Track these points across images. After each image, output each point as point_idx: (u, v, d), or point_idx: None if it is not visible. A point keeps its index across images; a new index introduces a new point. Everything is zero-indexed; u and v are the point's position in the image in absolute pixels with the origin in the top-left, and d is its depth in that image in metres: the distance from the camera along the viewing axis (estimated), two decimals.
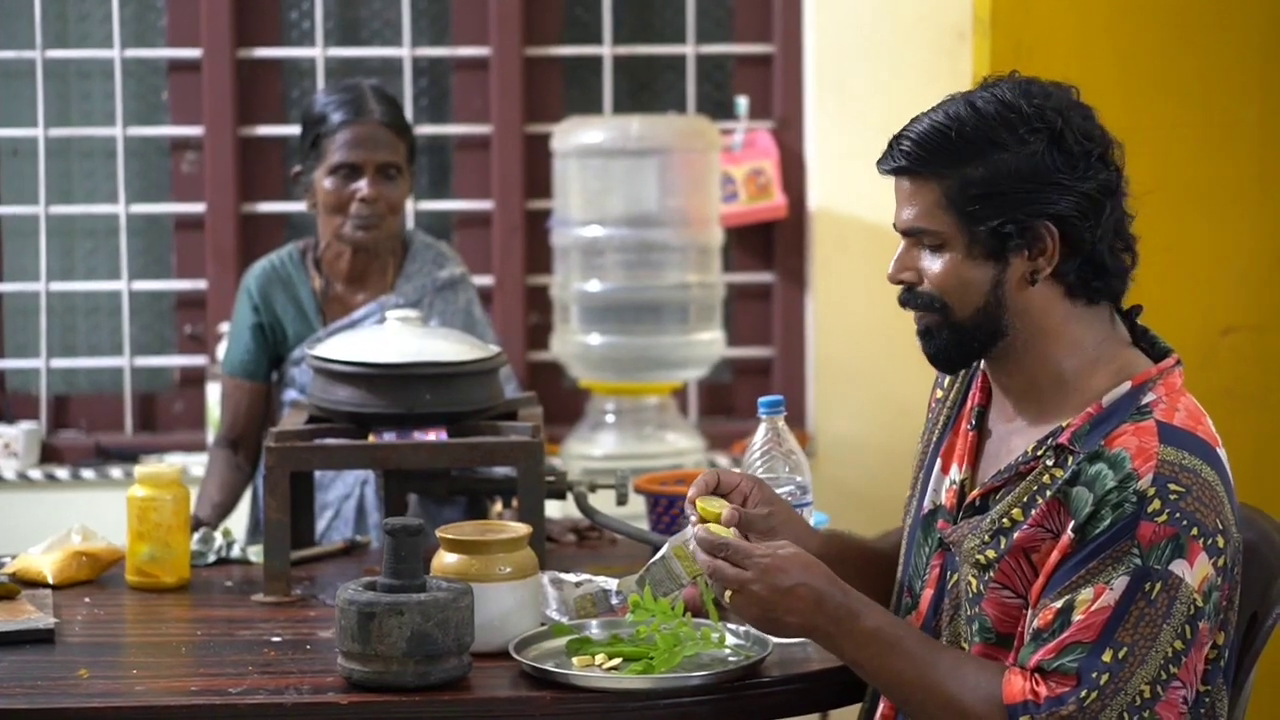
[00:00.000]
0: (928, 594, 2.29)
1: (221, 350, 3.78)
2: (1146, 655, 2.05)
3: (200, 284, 4.77)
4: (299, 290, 3.52)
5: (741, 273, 4.81)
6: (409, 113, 4.59)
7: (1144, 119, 4.04)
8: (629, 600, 2.44)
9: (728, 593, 2.21)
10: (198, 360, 4.76)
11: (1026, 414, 2.24)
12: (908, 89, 4.45)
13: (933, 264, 2.20)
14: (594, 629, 2.48)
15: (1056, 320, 2.20)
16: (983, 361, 2.30)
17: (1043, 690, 2.07)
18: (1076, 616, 2.07)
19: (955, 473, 2.30)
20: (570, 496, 3.01)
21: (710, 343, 4.51)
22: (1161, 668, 2.05)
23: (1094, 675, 2.05)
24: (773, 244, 4.77)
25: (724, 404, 4.87)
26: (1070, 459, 2.12)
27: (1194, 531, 2.06)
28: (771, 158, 4.65)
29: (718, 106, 4.77)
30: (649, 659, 2.34)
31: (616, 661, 2.35)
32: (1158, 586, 2.05)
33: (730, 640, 2.43)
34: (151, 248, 4.83)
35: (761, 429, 2.62)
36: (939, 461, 2.34)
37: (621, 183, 4.41)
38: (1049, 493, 2.13)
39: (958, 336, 2.20)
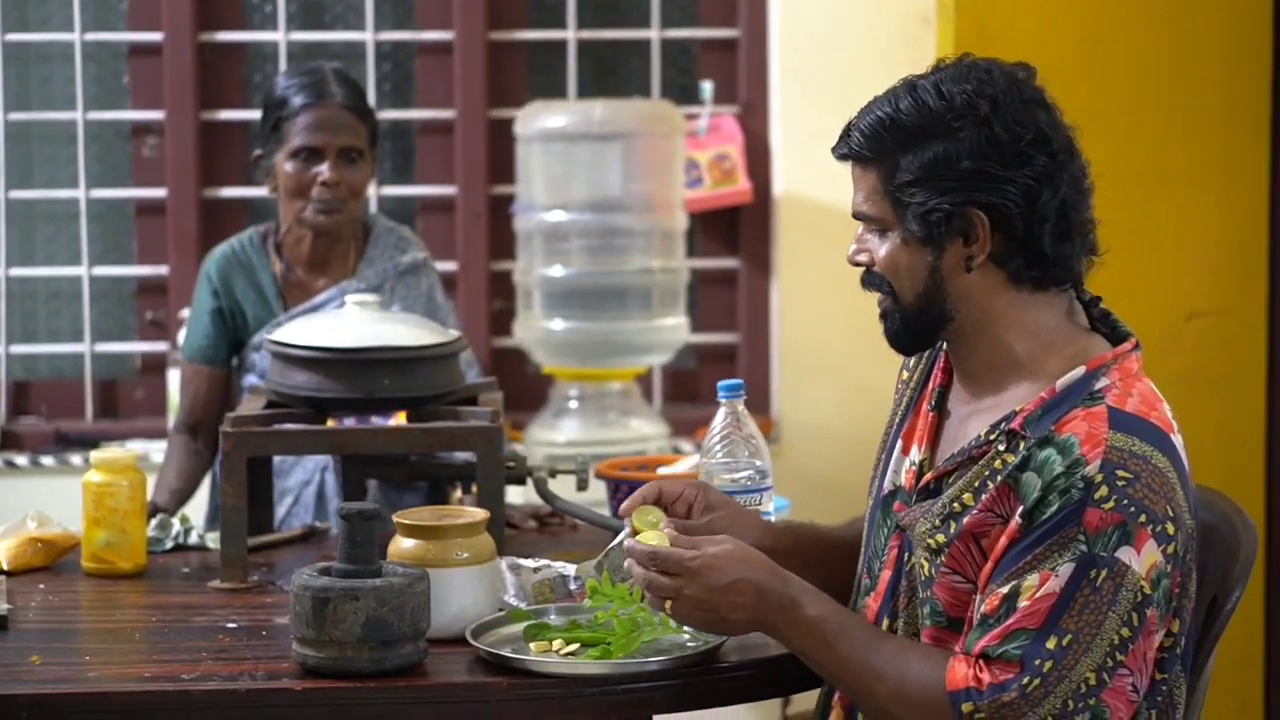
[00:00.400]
0: (885, 575, 2.28)
1: (183, 336, 3.75)
2: (1091, 642, 2.04)
3: (162, 269, 4.74)
4: (259, 275, 3.50)
5: (707, 258, 4.81)
6: (372, 98, 4.57)
7: (1107, 103, 4.04)
8: (586, 585, 2.43)
9: (667, 603, 2.21)
10: (159, 346, 4.74)
11: (984, 397, 2.23)
12: (872, 74, 4.25)
13: (880, 248, 2.21)
14: (552, 614, 2.46)
15: (1002, 306, 2.19)
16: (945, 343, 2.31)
17: (986, 677, 2.07)
18: (1022, 603, 2.06)
19: (915, 454, 2.30)
20: (530, 482, 3.00)
21: (674, 328, 4.50)
22: (1107, 655, 2.05)
23: (1037, 663, 2.04)
24: (738, 229, 4.77)
25: (689, 390, 4.87)
26: (1021, 444, 2.12)
27: (1142, 519, 2.05)
28: (736, 143, 4.65)
29: (683, 91, 4.77)
30: (606, 644, 2.33)
31: (574, 647, 2.34)
32: (1103, 574, 2.04)
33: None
34: (112, 233, 4.81)
35: (721, 413, 2.60)
36: (900, 442, 2.34)
37: (585, 167, 4.40)
38: (999, 478, 2.12)
39: (906, 320, 2.22)
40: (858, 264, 2.25)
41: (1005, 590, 2.07)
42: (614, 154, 4.39)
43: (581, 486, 3.07)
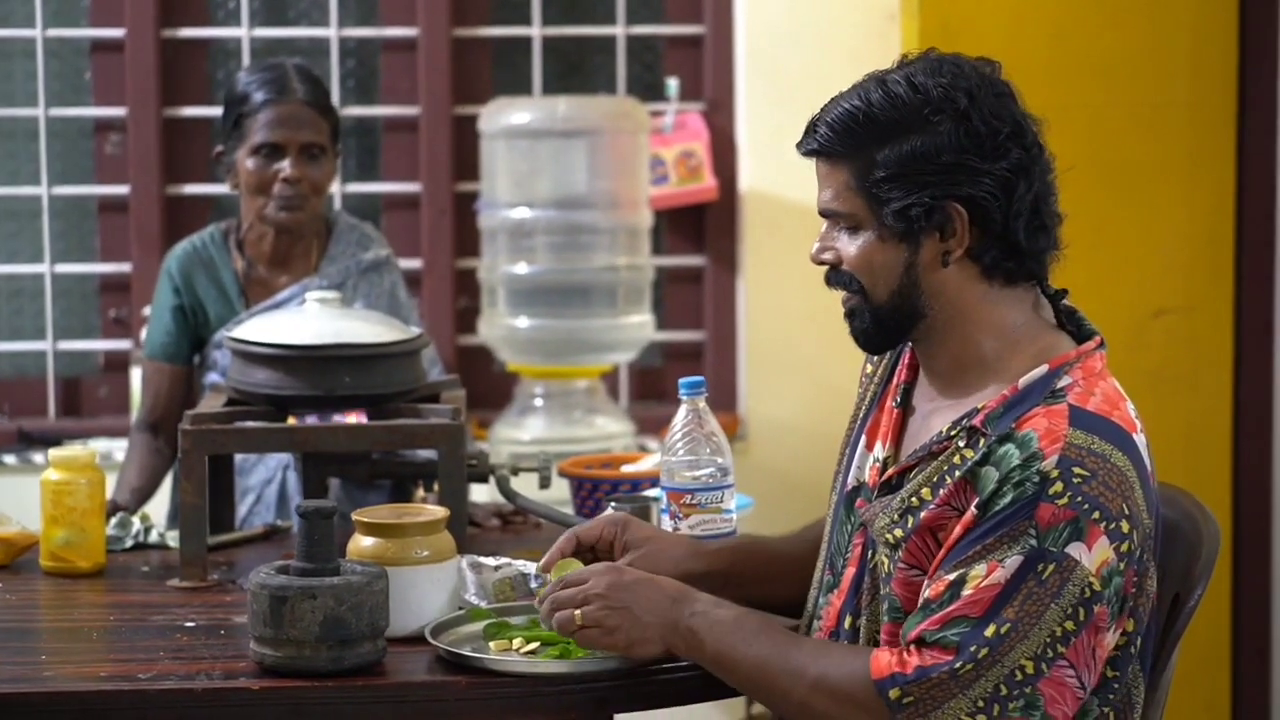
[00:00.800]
0: (849, 572, 2.27)
1: (145, 333, 3.72)
2: (1030, 631, 2.03)
3: (124, 267, 4.71)
4: (221, 272, 3.48)
5: (672, 256, 4.80)
6: (336, 94, 4.56)
7: (1072, 98, 4.04)
8: (545, 585, 2.41)
9: (582, 632, 2.23)
10: (122, 344, 4.71)
11: (949, 394, 2.22)
12: (838, 70, 4.22)
13: (849, 246, 2.19)
14: (514, 613, 2.45)
15: (973, 301, 2.18)
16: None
17: (914, 660, 2.06)
18: (966, 591, 2.05)
19: (879, 450, 2.29)
20: (493, 480, 2.99)
21: (639, 325, 4.48)
22: (1047, 645, 2.04)
23: (973, 649, 2.04)
24: (704, 227, 4.75)
25: (655, 388, 4.86)
26: (981, 440, 2.11)
27: (1095, 515, 2.04)
28: (702, 140, 4.63)
29: (648, 88, 4.75)
30: (566, 644, 2.32)
31: (534, 646, 2.33)
32: (1050, 568, 2.03)
33: None
34: (74, 230, 4.78)
35: (682, 410, 2.60)
36: (864, 439, 2.33)
37: (549, 164, 4.39)
38: (958, 473, 2.11)
39: (877, 318, 2.20)
40: (823, 263, 2.23)
41: (952, 577, 2.07)
42: (579, 151, 4.38)
43: (544, 484, 3.06)
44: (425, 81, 4.68)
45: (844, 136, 2.15)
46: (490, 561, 2.56)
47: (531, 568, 2.53)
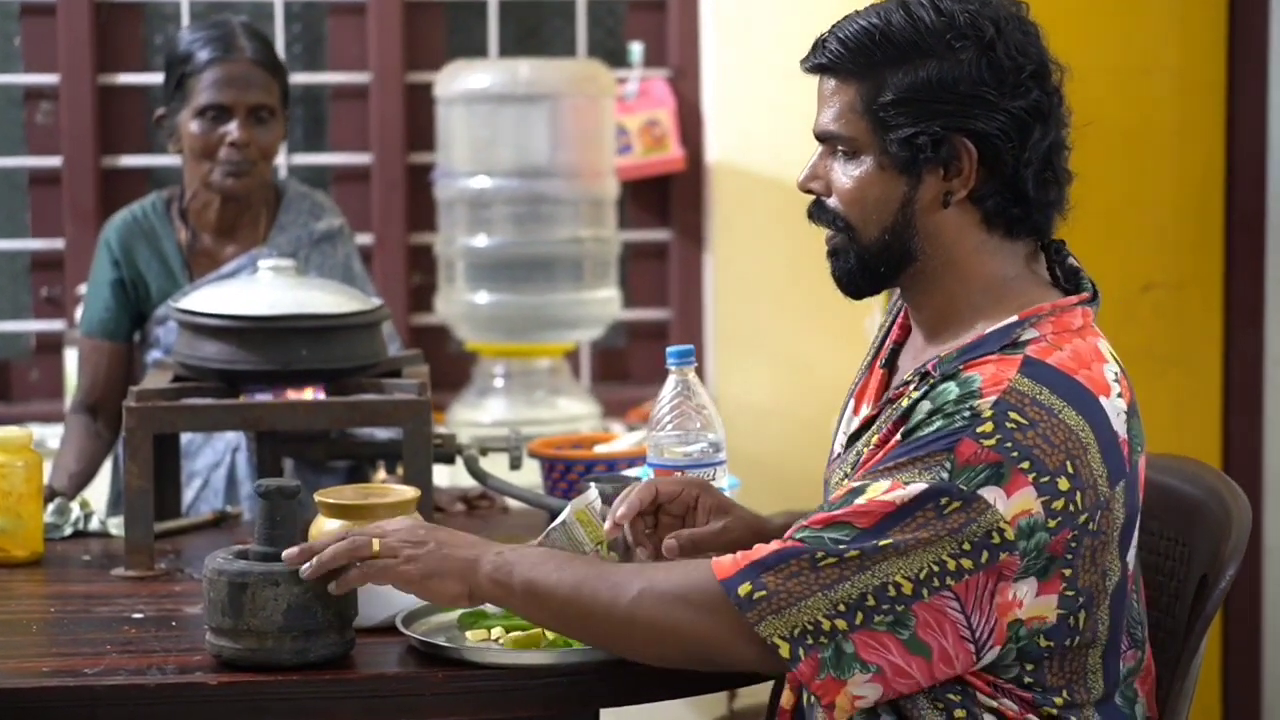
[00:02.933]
0: None
1: (80, 312, 3.62)
2: (912, 552, 1.93)
3: (57, 243, 4.64)
4: (163, 243, 3.39)
5: (636, 230, 4.75)
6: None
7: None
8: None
9: (376, 562, 2.13)
10: (55, 325, 4.64)
11: (929, 352, 2.14)
12: (812, 35, 4.26)
13: (842, 175, 2.10)
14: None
15: (968, 249, 2.10)
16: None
17: (761, 552, 1.97)
18: (859, 500, 1.96)
19: (865, 412, 2.20)
20: (460, 461, 2.91)
21: (605, 301, 4.44)
22: (933, 574, 1.93)
23: (842, 548, 1.94)
24: (669, 200, 4.71)
25: (618, 369, 4.81)
26: (929, 383, 2.03)
27: (1024, 465, 1.94)
28: (667, 107, 4.58)
29: (610, 54, 4.69)
30: (549, 634, 2.22)
31: (514, 636, 2.23)
32: (955, 504, 1.93)
33: None
34: (4, 204, 4.72)
35: (670, 381, 2.51)
36: (851, 403, 2.27)
37: (510, 131, 4.34)
38: (898, 414, 2.04)
39: (862, 258, 2.11)
40: (810, 191, 2.14)
41: (855, 485, 1.98)
42: (540, 117, 4.33)
43: (515, 465, 2.98)
44: (376, 46, 4.62)
45: (856, 54, 2.06)
46: None
47: None
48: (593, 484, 2.56)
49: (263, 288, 2.85)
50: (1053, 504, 1.95)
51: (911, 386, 2.06)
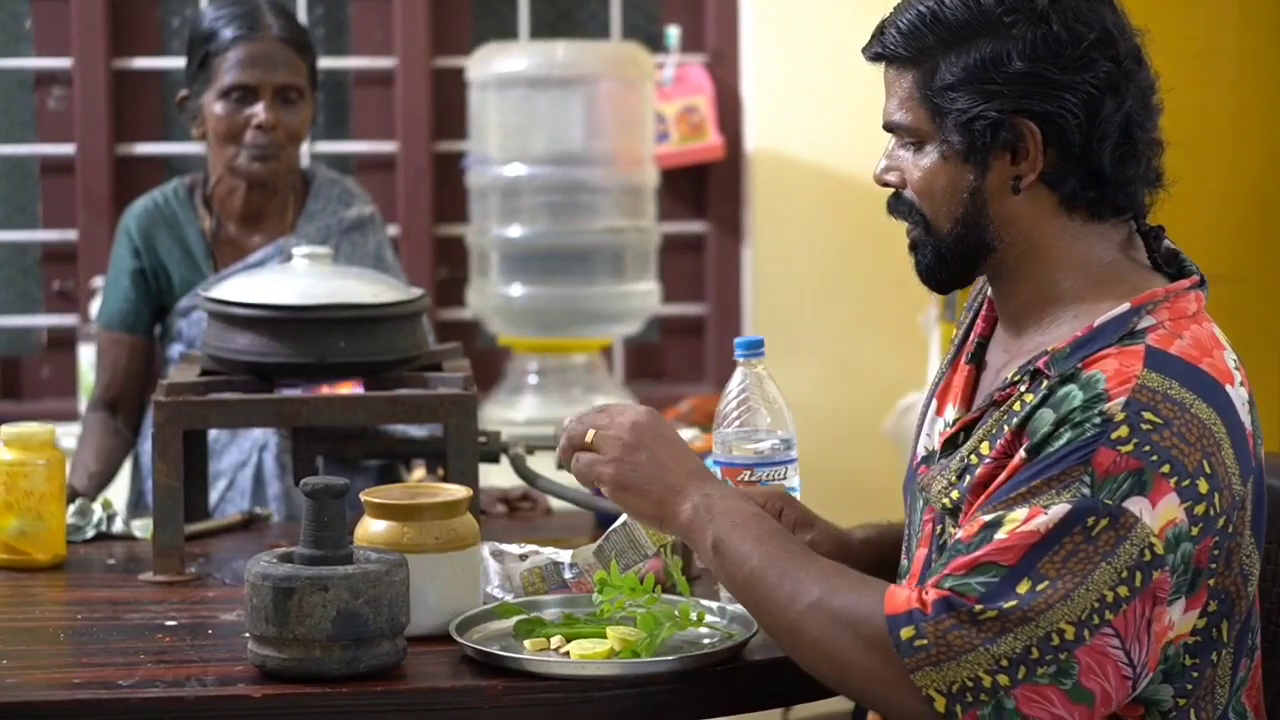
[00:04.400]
0: (920, 554, 2.07)
1: (95, 306, 3.70)
2: (1073, 592, 1.82)
3: (70, 234, 4.63)
4: (186, 231, 3.32)
5: (671, 222, 4.74)
6: None
7: None
8: (594, 577, 2.26)
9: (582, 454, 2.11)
10: (67, 320, 4.62)
11: (1023, 342, 2.04)
12: (855, 16, 4.28)
13: (913, 166, 2.04)
14: (547, 608, 2.28)
15: (1050, 236, 2.00)
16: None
17: (933, 597, 1.86)
18: (1000, 535, 1.85)
19: (950, 413, 2.11)
20: (506, 459, 2.83)
21: (646, 294, 4.42)
22: (1093, 610, 1.83)
23: (1002, 601, 1.83)
24: (705, 190, 4.71)
25: (652, 366, 4.82)
26: (1044, 383, 1.93)
27: (1165, 469, 1.83)
28: (705, 94, 4.57)
29: (646, 38, 4.72)
30: (618, 641, 2.14)
31: (578, 645, 2.15)
32: (1103, 523, 1.82)
33: (708, 618, 2.23)
34: (15, 194, 4.72)
35: (738, 374, 2.43)
36: (934, 403, 2.16)
37: (545, 116, 4.32)
38: (1015, 420, 1.93)
39: (939, 252, 2.05)
40: (886, 184, 2.08)
41: (987, 519, 1.87)
42: (577, 101, 4.31)
43: (562, 464, 2.82)
44: (401, 30, 4.59)
45: (912, 39, 2.00)
46: (514, 549, 2.42)
47: (565, 556, 2.37)
48: None
49: (297, 276, 2.77)
50: (1195, 509, 1.85)
51: (1023, 387, 1.95)
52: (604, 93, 4.32)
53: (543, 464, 2.86)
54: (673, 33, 4.57)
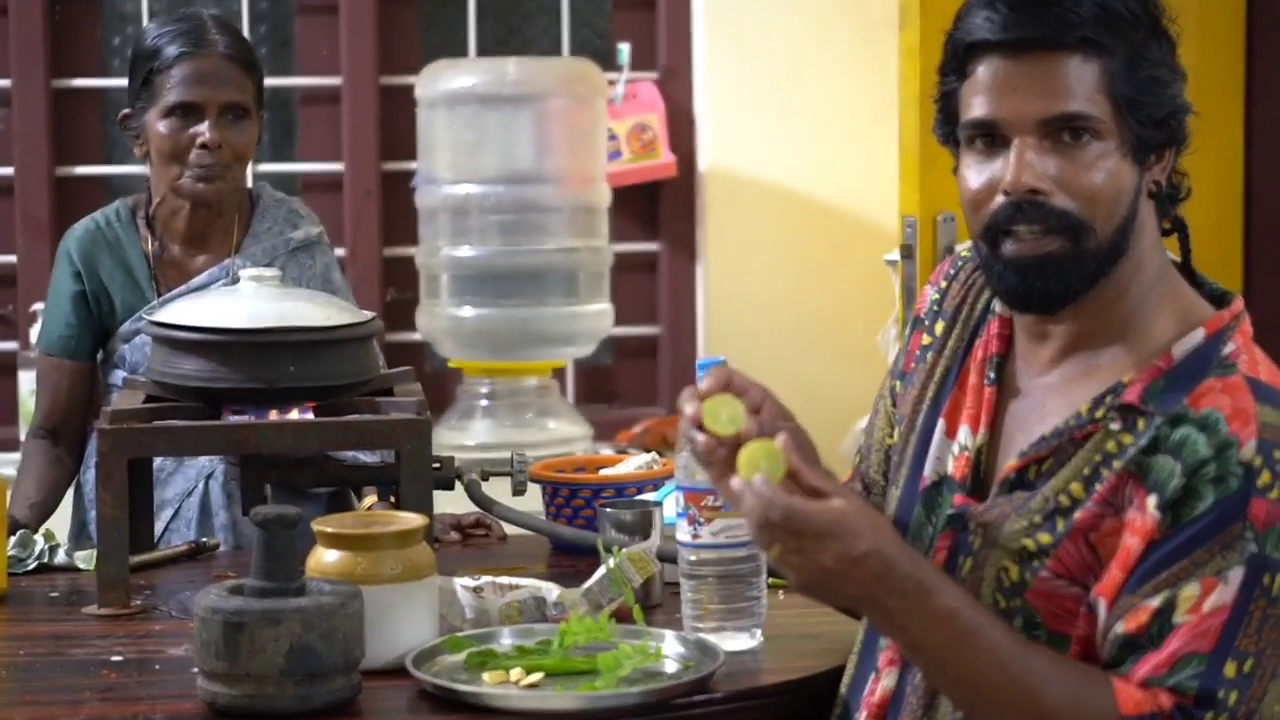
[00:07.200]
0: None
1: (35, 332, 3.59)
2: (1277, 667, 1.78)
3: (9, 258, 4.64)
4: (128, 254, 3.25)
5: (623, 242, 4.71)
6: None
7: None
8: (571, 617, 2.24)
9: (774, 550, 1.83)
10: (7, 345, 4.62)
11: (1071, 366, 1.94)
12: (812, 30, 4.40)
13: (1078, 166, 1.86)
14: (498, 639, 2.24)
15: (1147, 245, 1.92)
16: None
17: (1165, 701, 1.78)
18: (1180, 618, 1.78)
19: (966, 437, 1.99)
20: (460, 486, 2.77)
21: (599, 315, 4.41)
22: None
23: (1220, 694, 1.77)
24: (658, 208, 4.71)
25: (604, 389, 4.79)
26: (1141, 421, 1.83)
27: None
28: (657, 111, 4.58)
29: (597, 55, 4.73)
30: (579, 673, 2.12)
31: (536, 678, 2.12)
32: (1278, 580, 1.77)
33: (669, 649, 2.19)
34: None
35: None
36: (941, 423, 2.02)
37: (495, 134, 4.32)
38: (1117, 463, 1.83)
39: (1083, 262, 1.87)
40: (1036, 192, 1.87)
41: (1156, 603, 1.78)
42: (528, 119, 4.31)
43: (519, 490, 2.83)
44: (348, 48, 4.62)
45: (1103, 26, 1.84)
46: (492, 581, 2.36)
47: (549, 590, 2.32)
48: (606, 510, 2.50)
49: (245, 299, 2.71)
50: None
51: (1114, 425, 1.85)
52: (555, 110, 4.32)
53: (498, 490, 2.80)
54: (624, 50, 4.59)
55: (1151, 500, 1.79)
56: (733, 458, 1.90)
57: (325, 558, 2.18)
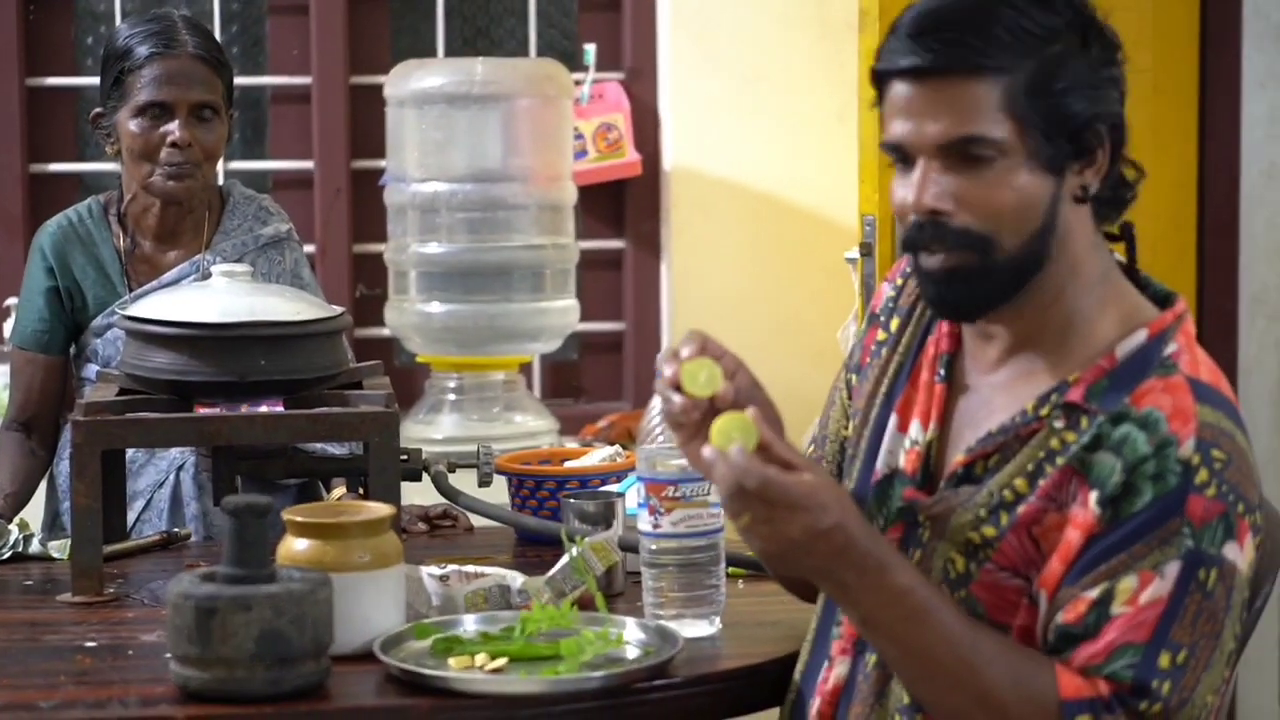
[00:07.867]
0: None
1: (9, 326, 3.55)
2: (1210, 658, 1.81)
3: None
4: (100, 250, 3.26)
5: (589, 239, 4.70)
6: None
7: None
8: (533, 606, 2.26)
9: (744, 519, 1.86)
10: None
11: (1017, 365, 1.97)
12: (775, 32, 4.38)
13: (980, 185, 1.88)
14: (463, 626, 2.26)
15: (1085, 248, 1.93)
16: None
17: (1105, 689, 1.82)
18: (1118, 609, 1.81)
19: (917, 431, 2.02)
20: (428, 477, 2.80)
21: (565, 311, 4.40)
22: (1224, 680, 1.84)
23: (1154, 684, 1.80)
24: (624, 207, 4.70)
25: (570, 384, 4.79)
26: (1084, 419, 1.86)
27: (1240, 508, 1.83)
28: (623, 111, 4.57)
29: (563, 56, 4.70)
30: (542, 658, 2.14)
31: (500, 663, 2.14)
32: (1213, 574, 1.81)
33: (631, 635, 2.23)
34: None
35: None
36: (894, 417, 2.06)
37: (463, 133, 4.30)
38: (1060, 459, 1.87)
39: (997, 275, 1.89)
40: (937, 213, 1.90)
41: (1095, 595, 1.82)
42: (495, 118, 4.29)
43: (484, 482, 2.86)
44: (318, 47, 4.58)
45: (993, 47, 1.85)
46: (458, 569, 2.39)
47: (512, 578, 2.36)
48: (570, 501, 2.55)
49: (217, 294, 2.74)
50: (1258, 542, 1.85)
51: (1058, 423, 1.88)
52: (522, 110, 4.30)
53: (464, 481, 2.82)
54: (590, 50, 4.56)
55: (1093, 496, 1.83)
56: (706, 421, 1.93)
57: (295, 546, 2.20)
